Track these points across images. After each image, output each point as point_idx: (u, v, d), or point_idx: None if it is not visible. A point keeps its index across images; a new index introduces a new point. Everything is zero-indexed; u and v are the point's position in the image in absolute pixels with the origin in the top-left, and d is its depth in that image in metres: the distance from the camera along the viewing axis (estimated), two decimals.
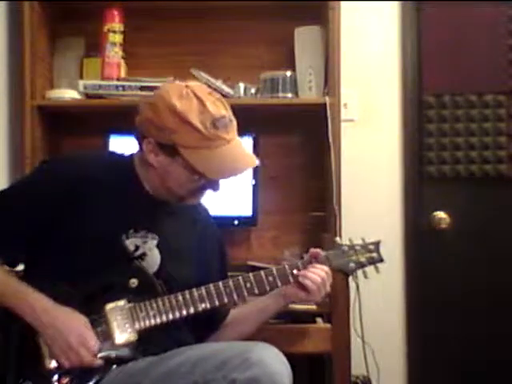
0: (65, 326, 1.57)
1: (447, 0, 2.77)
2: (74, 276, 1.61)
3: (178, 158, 1.63)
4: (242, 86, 2.58)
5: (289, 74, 2.56)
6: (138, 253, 1.69)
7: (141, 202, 1.72)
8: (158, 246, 1.71)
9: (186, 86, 1.65)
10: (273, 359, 1.52)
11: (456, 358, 2.79)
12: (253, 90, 2.60)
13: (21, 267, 1.75)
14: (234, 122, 1.68)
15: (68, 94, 2.55)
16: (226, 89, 2.55)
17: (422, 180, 2.82)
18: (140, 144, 1.71)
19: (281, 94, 2.54)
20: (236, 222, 2.61)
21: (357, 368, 2.49)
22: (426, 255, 2.81)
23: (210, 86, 2.53)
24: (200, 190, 1.71)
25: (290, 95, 2.55)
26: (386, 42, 2.83)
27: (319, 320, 2.26)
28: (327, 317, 2.25)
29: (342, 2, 2.50)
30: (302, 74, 2.58)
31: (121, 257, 1.67)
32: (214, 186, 1.70)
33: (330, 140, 2.45)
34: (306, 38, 2.61)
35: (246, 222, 2.65)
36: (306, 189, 2.74)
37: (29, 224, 1.66)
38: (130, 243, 1.68)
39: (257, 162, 1.69)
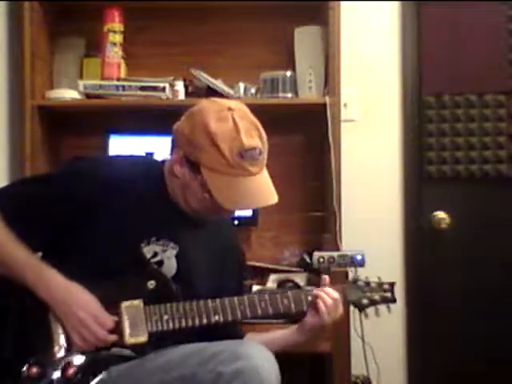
0: (77, 303, 1.58)
1: (447, 0, 2.77)
2: (92, 272, 1.61)
3: (198, 176, 1.63)
4: (241, 85, 2.58)
5: (289, 73, 2.56)
6: (155, 259, 1.69)
7: (166, 210, 1.72)
8: (176, 256, 1.72)
9: (229, 109, 1.64)
10: (260, 356, 1.52)
11: (456, 358, 2.78)
12: (253, 90, 2.60)
13: None
14: (264, 156, 1.66)
15: (68, 94, 2.55)
16: (226, 89, 2.55)
17: (422, 180, 2.82)
18: (171, 151, 1.72)
19: (281, 94, 2.55)
20: (236, 222, 2.61)
21: (357, 368, 2.49)
22: (426, 255, 2.81)
23: (209, 87, 2.55)
24: (214, 211, 1.70)
25: (289, 95, 2.55)
26: (386, 41, 2.83)
27: None
28: None
29: (341, 2, 2.50)
30: (302, 74, 2.58)
31: (139, 259, 1.68)
32: (228, 212, 1.71)
33: (330, 140, 2.45)
34: (306, 38, 2.61)
35: (246, 222, 2.65)
36: (305, 189, 2.74)
37: (52, 217, 1.66)
38: (149, 250, 1.69)
39: (276, 199, 1.66)
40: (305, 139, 2.76)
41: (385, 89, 2.83)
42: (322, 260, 2.27)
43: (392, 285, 1.87)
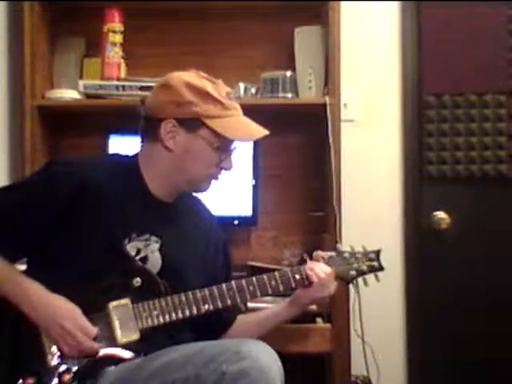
0: (59, 313, 1.57)
1: (447, 0, 2.77)
2: (76, 275, 1.61)
3: (200, 130, 1.68)
4: (241, 85, 2.58)
5: (289, 74, 2.56)
6: (140, 256, 1.69)
7: (145, 204, 1.73)
8: (160, 249, 1.71)
9: (190, 72, 1.77)
10: (264, 354, 1.51)
11: (456, 358, 2.78)
12: (253, 90, 2.60)
13: (22, 267, 1.75)
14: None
15: (68, 94, 2.55)
16: None
17: (422, 180, 2.82)
18: (150, 135, 1.74)
19: (281, 94, 2.55)
20: (236, 222, 2.62)
21: (357, 368, 2.49)
22: (426, 255, 2.81)
23: None
24: (216, 171, 1.74)
25: (289, 95, 2.55)
26: (386, 41, 2.83)
27: (319, 320, 2.26)
28: (327, 317, 2.25)
29: (341, 2, 2.50)
30: (302, 74, 2.58)
31: (123, 258, 1.67)
32: (228, 163, 1.74)
33: (330, 140, 2.45)
34: (305, 38, 2.61)
35: (246, 222, 2.66)
36: (305, 189, 2.74)
37: (30, 223, 1.65)
38: (132, 247, 1.68)
39: (266, 131, 1.76)
40: (305, 139, 2.76)
41: (385, 89, 2.83)
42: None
43: (378, 253, 1.87)
